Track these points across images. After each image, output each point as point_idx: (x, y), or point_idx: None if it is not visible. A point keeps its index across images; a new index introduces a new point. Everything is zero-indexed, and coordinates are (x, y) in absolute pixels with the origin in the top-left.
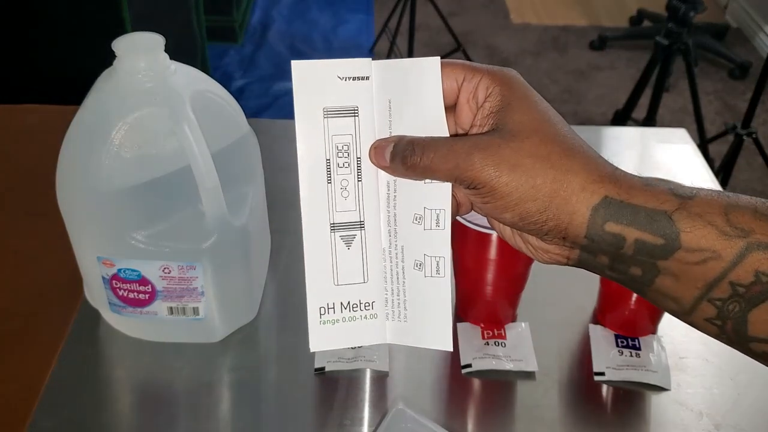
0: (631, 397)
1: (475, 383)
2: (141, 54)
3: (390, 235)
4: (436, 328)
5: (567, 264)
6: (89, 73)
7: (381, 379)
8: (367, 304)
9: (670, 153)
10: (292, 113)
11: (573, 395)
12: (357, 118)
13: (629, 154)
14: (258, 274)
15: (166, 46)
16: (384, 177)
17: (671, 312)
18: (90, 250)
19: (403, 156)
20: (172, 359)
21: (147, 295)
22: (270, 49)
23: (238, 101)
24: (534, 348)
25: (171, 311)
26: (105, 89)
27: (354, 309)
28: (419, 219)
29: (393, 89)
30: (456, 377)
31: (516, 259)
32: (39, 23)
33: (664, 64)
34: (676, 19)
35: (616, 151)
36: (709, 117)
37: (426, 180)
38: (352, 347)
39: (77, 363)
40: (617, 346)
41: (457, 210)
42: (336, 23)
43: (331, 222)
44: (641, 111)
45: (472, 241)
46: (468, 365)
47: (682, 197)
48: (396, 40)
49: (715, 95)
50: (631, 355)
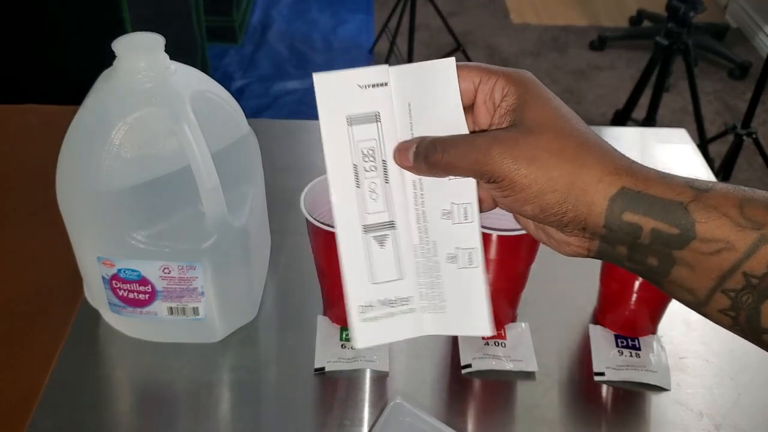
0: (631, 397)
1: (476, 383)
2: (141, 54)
3: (420, 232)
4: (474, 315)
5: (588, 256)
6: (89, 73)
7: (381, 379)
8: (404, 299)
9: (670, 153)
10: (291, 113)
11: (573, 395)
12: (379, 123)
13: (629, 154)
14: (258, 274)
15: (166, 46)
16: (410, 177)
17: (687, 303)
18: (90, 250)
19: (426, 155)
20: (172, 359)
21: (147, 296)
22: (270, 50)
23: (238, 101)
24: (534, 348)
25: (171, 311)
26: (105, 89)
27: (392, 305)
28: (448, 214)
29: (411, 93)
30: (456, 377)
31: (516, 259)
32: (39, 23)
33: (664, 64)
34: (676, 19)
35: None
36: (709, 117)
37: (450, 177)
38: (352, 347)
39: (77, 363)
40: (617, 346)
41: (480, 207)
42: (336, 23)
43: (364, 224)
44: (641, 111)
45: None
46: (468, 365)
47: (698, 189)
48: (396, 40)
49: (715, 95)
50: (631, 356)
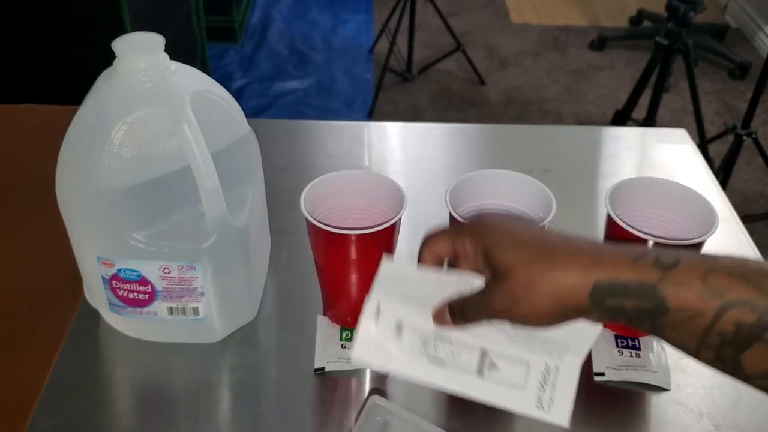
0: (631, 398)
1: None
2: (141, 54)
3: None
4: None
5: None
6: (89, 73)
7: (381, 379)
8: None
9: (670, 153)
10: (291, 113)
11: None
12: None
13: (629, 154)
14: (258, 274)
15: (166, 46)
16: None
17: (686, 354)
18: (90, 250)
19: (454, 320)
20: (172, 359)
21: (147, 296)
22: (270, 49)
23: (237, 101)
24: None
25: (171, 311)
26: (105, 89)
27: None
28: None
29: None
30: None
31: None
32: (39, 23)
33: (663, 64)
34: (675, 19)
35: (615, 152)
36: (709, 117)
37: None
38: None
39: (77, 363)
40: (617, 346)
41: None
42: (336, 23)
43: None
44: (641, 111)
45: None
46: None
47: (665, 267)
48: (396, 40)
49: (715, 95)
50: (631, 356)
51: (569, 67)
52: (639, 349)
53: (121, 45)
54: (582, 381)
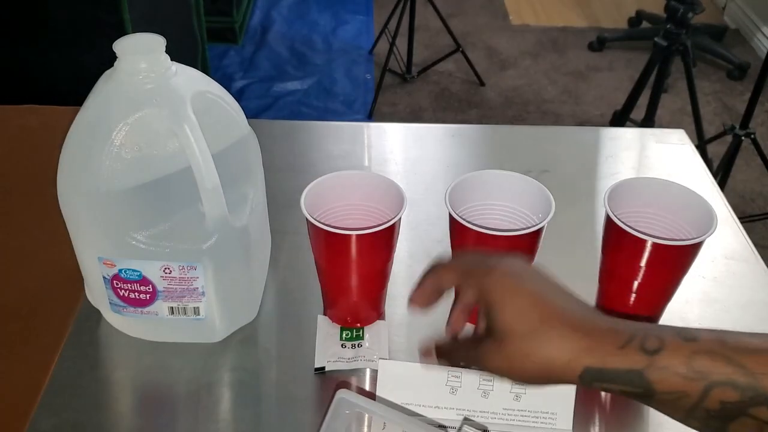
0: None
1: None
2: (142, 55)
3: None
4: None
5: None
6: (89, 74)
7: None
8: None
9: (668, 154)
10: (292, 114)
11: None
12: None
13: (628, 154)
14: (258, 274)
15: (166, 47)
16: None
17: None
18: (91, 250)
19: (440, 360)
20: (172, 359)
21: (148, 295)
22: (270, 50)
23: (238, 102)
24: None
25: (172, 311)
26: (106, 90)
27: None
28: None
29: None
30: None
31: None
32: (39, 24)
33: (662, 65)
34: (674, 20)
35: (614, 152)
36: (708, 118)
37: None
38: (352, 347)
39: (78, 363)
40: None
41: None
42: (336, 24)
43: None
44: (640, 112)
45: (471, 241)
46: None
47: (651, 353)
48: (395, 41)
49: (714, 96)
50: None
51: (568, 68)
52: None
53: (122, 46)
54: None
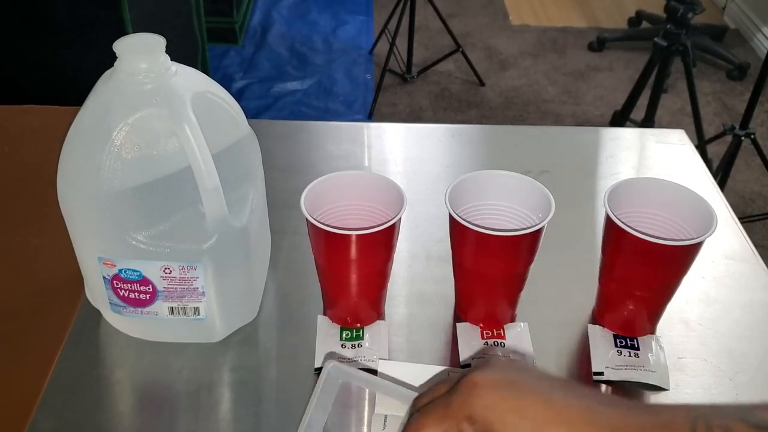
0: (630, 397)
1: None
2: (142, 55)
3: None
4: None
5: None
6: (89, 74)
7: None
8: None
9: (668, 154)
10: (292, 114)
11: None
12: None
13: (628, 155)
14: (258, 274)
15: (166, 47)
16: None
17: None
18: (91, 250)
19: None
20: (172, 359)
21: (148, 296)
22: (270, 51)
23: (238, 102)
24: (533, 348)
25: (172, 311)
26: (106, 90)
27: None
28: None
29: None
30: None
31: (516, 260)
32: (39, 24)
33: (662, 65)
34: (674, 21)
35: (614, 153)
36: (708, 118)
37: None
38: (352, 347)
39: (78, 363)
40: (616, 346)
41: None
42: (336, 25)
43: None
44: (640, 112)
45: (471, 241)
46: (467, 365)
47: None
48: (395, 41)
49: (714, 96)
50: (630, 355)
51: (568, 69)
52: (638, 349)
53: (122, 46)
54: (581, 381)
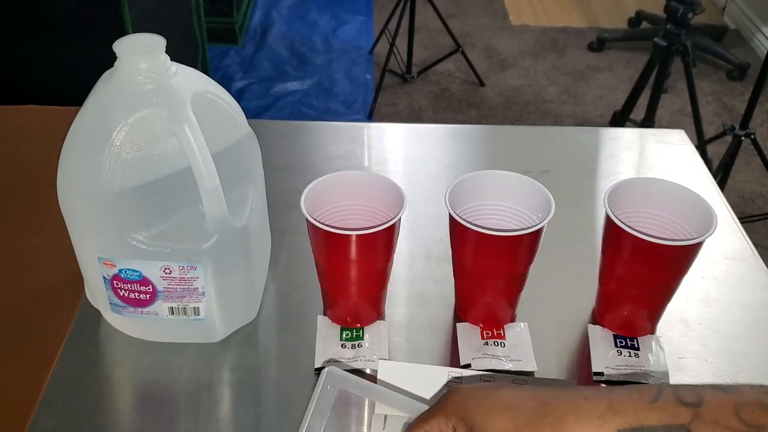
0: None
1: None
2: (142, 55)
3: None
4: None
5: None
6: (89, 74)
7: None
8: None
9: (668, 154)
10: (292, 114)
11: None
12: None
13: (627, 155)
14: (258, 274)
15: (166, 47)
16: None
17: None
18: (91, 250)
19: None
20: (172, 359)
21: (148, 296)
22: (270, 51)
23: (238, 102)
24: (533, 348)
25: (172, 311)
26: (106, 90)
27: None
28: None
29: None
30: None
31: (516, 260)
32: (39, 24)
33: (662, 65)
34: (674, 21)
35: (614, 153)
36: (708, 118)
37: None
38: (352, 347)
39: (78, 363)
40: (616, 346)
41: None
42: (336, 25)
43: None
44: (640, 112)
45: (471, 241)
46: (467, 365)
47: (691, 406)
48: (395, 41)
49: (714, 96)
50: (630, 356)
51: (568, 69)
52: (638, 349)
53: (122, 46)
54: (581, 381)
